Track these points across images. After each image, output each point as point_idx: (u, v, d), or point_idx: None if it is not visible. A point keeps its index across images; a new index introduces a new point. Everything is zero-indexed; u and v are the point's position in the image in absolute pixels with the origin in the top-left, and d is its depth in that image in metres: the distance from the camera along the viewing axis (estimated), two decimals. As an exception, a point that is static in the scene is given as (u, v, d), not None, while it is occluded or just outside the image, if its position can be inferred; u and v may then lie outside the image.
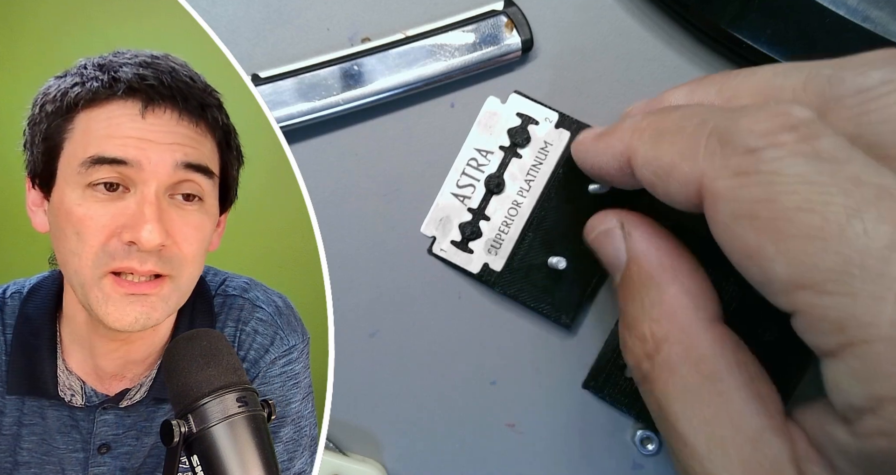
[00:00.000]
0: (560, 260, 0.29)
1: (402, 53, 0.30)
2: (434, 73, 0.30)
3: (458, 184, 0.30)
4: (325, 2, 0.31)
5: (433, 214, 0.30)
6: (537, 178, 0.30)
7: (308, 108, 0.30)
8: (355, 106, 0.30)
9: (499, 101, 0.30)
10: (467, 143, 0.30)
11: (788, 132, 0.20)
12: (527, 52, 0.30)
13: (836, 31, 0.28)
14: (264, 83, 0.29)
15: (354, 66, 0.30)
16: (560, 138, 0.30)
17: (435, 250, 0.30)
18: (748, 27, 0.29)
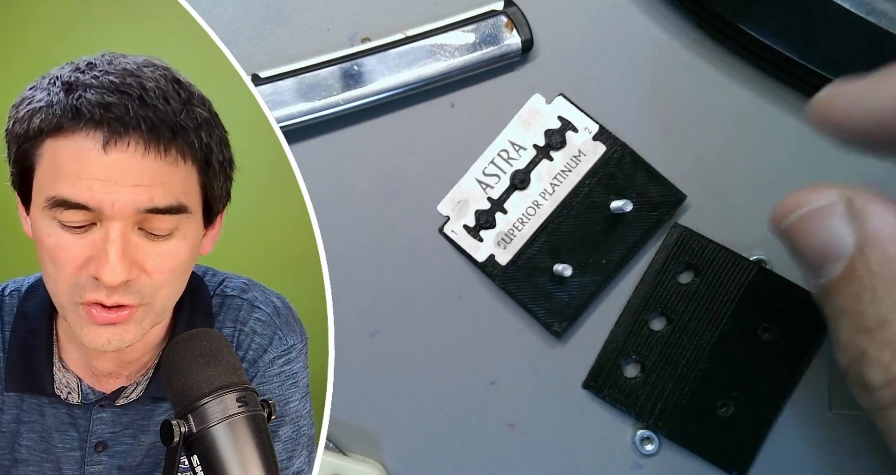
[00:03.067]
0: (566, 267, 0.29)
1: (402, 53, 0.30)
2: (434, 73, 0.30)
3: (484, 171, 0.30)
4: (325, 2, 0.31)
5: (452, 195, 0.30)
6: (563, 184, 0.30)
7: (308, 108, 0.30)
8: (355, 106, 0.30)
9: (544, 100, 0.31)
10: (503, 134, 0.30)
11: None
12: (527, 51, 0.30)
13: (841, 23, 0.28)
14: (264, 83, 0.29)
15: (354, 65, 0.30)
16: (595, 150, 0.30)
17: (446, 230, 0.30)
18: (753, 19, 0.29)
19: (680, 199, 0.30)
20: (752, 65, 0.30)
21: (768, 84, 0.30)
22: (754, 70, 0.30)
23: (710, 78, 0.31)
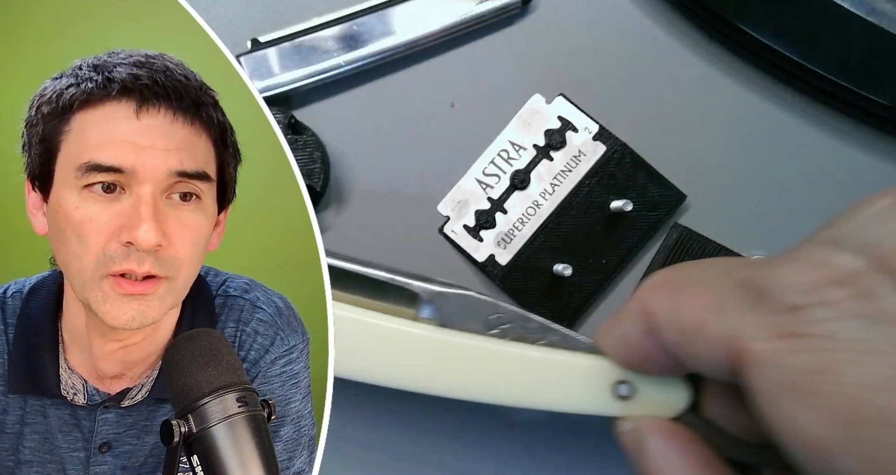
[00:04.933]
0: (566, 267, 0.29)
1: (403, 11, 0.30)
2: (433, 29, 0.30)
3: (484, 171, 0.30)
4: (325, 2, 0.31)
5: (452, 195, 0.30)
6: (563, 184, 0.30)
7: (310, 72, 0.30)
8: (357, 67, 0.30)
9: (544, 100, 0.31)
10: (503, 134, 0.30)
11: (835, 287, 0.17)
12: (527, 3, 0.31)
13: (841, 23, 0.28)
14: (264, 48, 0.30)
15: (354, 26, 0.30)
16: (595, 151, 0.30)
17: (446, 230, 0.30)
18: (753, 19, 0.29)
19: (680, 199, 0.30)
20: (753, 65, 0.30)
21: (768, 84, 0.30)
22: (754, 70, 0.30)
23: (711, 78, 0.31)
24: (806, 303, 0.17)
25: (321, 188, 0.30)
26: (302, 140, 0.30)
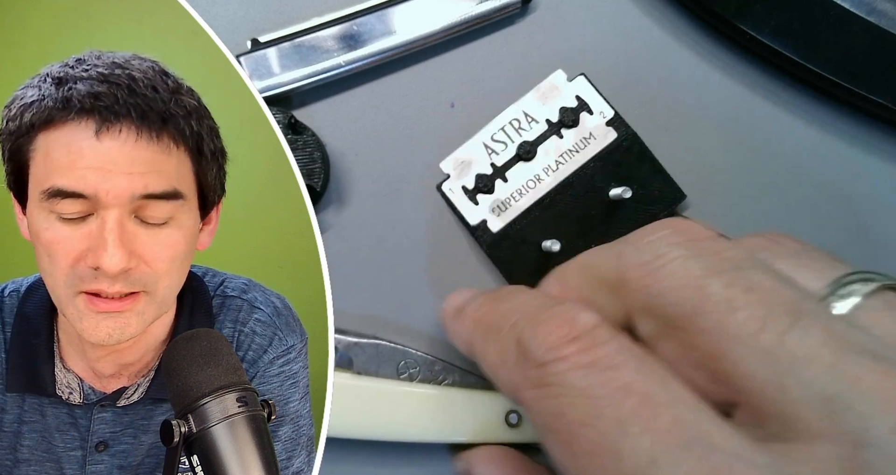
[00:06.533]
0: (555, 243, 0.29)
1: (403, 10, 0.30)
2: (433, 29, 0.30)
3: (492, 137, 0.30)
4: (325, 2, 0.31)
5: (457, 154, 0.30)
6: (568, 164, 0.30)
7: (310, 72, 0.30)
8: (357, 67, 0.30)
9: (565, 77, 0.30)
10: (518, 103, 0.30)
11: (571, 344, 0.21)
12: (527, 3, 0.31)
13: (841, 23, 0.28)
14: (264, 48, 0.30)
15: (354, 26, 0.30)
16: (605, 135, 0.30)
17: (444, 188, 0.30)
18: (752, 18, 0.29)
19: (679, 198, 0.30)
20: (752, 65, 0.30)
21: (768, 84, 0.30)
22: (754, 70, 0.30)
23: (711, 78, 0.31)
24: (551, 359, 0.21)
25: (321, 188, 0.30)
26: (302, 140, 0.30)
